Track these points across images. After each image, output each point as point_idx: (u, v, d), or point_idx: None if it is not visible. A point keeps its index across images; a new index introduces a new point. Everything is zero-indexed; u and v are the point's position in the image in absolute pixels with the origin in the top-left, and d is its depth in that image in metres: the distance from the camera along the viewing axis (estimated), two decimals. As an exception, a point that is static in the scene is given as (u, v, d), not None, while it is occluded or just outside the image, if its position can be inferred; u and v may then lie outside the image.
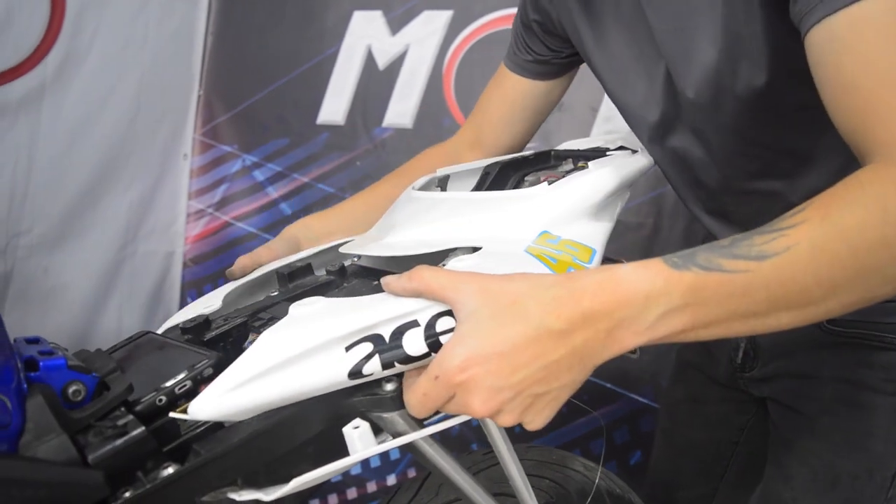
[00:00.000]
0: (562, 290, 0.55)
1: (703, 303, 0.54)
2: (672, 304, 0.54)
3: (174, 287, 2.25)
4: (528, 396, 0.56)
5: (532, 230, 0.75)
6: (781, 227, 0.54)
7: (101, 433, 0.58)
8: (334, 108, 2.06)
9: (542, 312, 0.54)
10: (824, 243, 0.53)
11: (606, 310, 0.54)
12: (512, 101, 1.11)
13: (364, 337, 0.59)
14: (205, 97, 2.20)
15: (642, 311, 0.54)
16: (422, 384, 0.58)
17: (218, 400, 0.57)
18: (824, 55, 0.62)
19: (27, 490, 0.51)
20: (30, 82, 1.68)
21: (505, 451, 0.75)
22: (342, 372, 0.59)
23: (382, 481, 2.06)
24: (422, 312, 0.60)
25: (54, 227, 1.82)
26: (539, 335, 0.54)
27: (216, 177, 2.21)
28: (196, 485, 0.59)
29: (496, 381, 0.54)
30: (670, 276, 0.54)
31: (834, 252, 0.53)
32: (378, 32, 2.00)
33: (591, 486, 1.01)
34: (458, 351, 0.55)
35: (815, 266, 0.53)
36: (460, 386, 0.55)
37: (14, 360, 0.58)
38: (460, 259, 0.69)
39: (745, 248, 0.54)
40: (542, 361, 0.54)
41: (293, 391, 0.58)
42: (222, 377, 0.58)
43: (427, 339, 0.59)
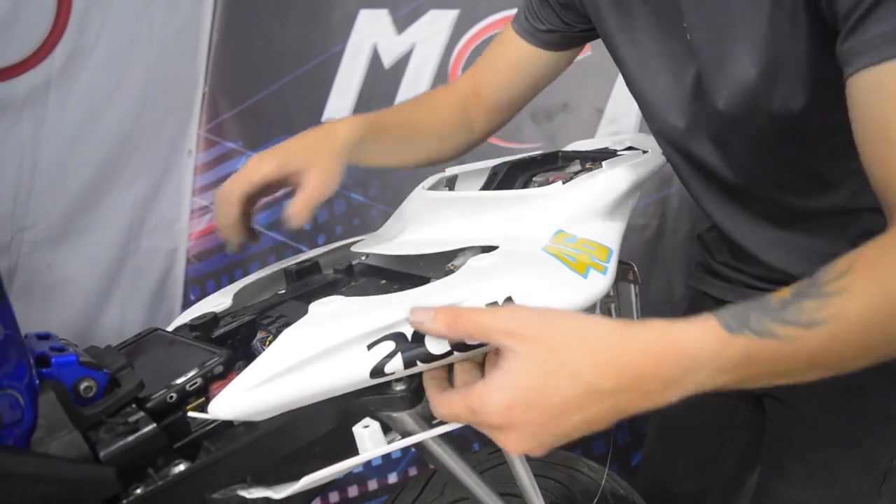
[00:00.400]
0: (617, 353, 0.54)
1: (750, 366, 0.55)
2: (721, 366, 0.54)
3: (177, 283, 2.24)
4: (562, 438, 0.56)
5: (548, 229, 0.75)
6: (830, 292, 0.54)
7: (113, 430, 0.58)
8: (339, 106, 2.06)
9: (594, 376, 0.54)
10: (872, 313, 0.53)
11: (656, 372, 0.54)
12: (514, 64, 1.08)
13: (386, 335, 0.59)
14: (210, 94, 2.20)
15: (691, 372, 0.54)
16: (457, 406, 0.57)
17: (238, 398, 0.57)
18: (867, 101, 0.61)
19: (40, 486, 0.51)
20: (35, 78, 1.68)
21: (512, 452, 0.76)
22: (364, 371, 0.58)
23: (384, 479, 2.06)
24: None
25: (58, 222, 1.81)
26: (588, 393, 0.54)
27: (220, 173, 2.21)
28: (207, 482, 0.59)
29: (537, 429, 0.55)
30: (724, 340, 0.54)
31: (880, 321, 0.53)
32: (384, 31, 1.99)
33: (595, 487, 1.02)
34: (504, 397, 0.54)
35: (860, 336, 0.54)
36: (497, 427, 0.55)
37: (26, 357, 0.58)
38: (479, 258, 0.69)
39: (796, 314, 0.54)
40: (583, 415, 0.55)
41: (314, 390, 0.58)
42: (242, 376, 0.58)
43: None
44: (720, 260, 1.07)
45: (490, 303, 0.61)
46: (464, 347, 0.60)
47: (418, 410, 0.66)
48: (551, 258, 0.69)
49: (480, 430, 0.58)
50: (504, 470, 0.93)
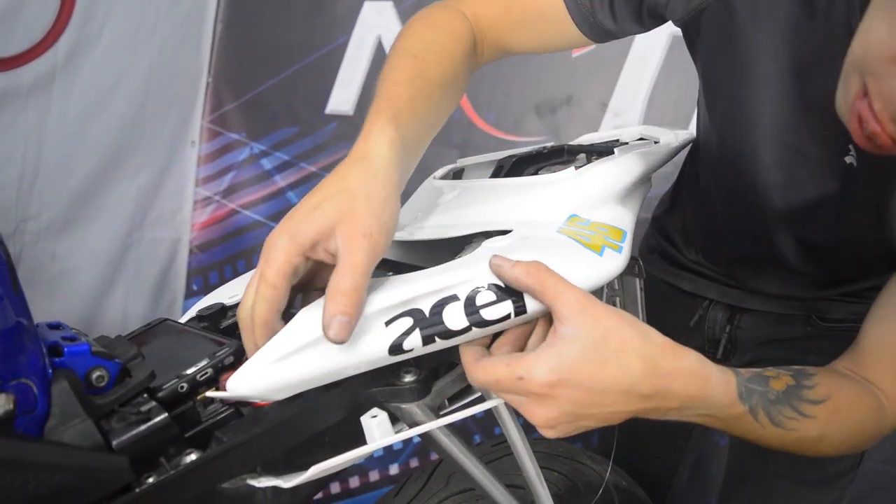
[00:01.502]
0: (662, 367, 0.59)
1: (734, 428, 0.66)
2: (717, 414, 0.63)
3: (180, 274, 2.25)
4: (581, 426, 0.60)
5: (561, 213, 0.75)
6: (803, 414, 0.67)
7: (125, 419, 0.59)
8: (343, 97, 2.06)
9: (641, 375, 0.58)
10: (808, 440, 0.68)
11: (682, 398, 0.60)
12: (548, 33, 0.94)
13: (403, 312, 0.59)
14: (213, 85, 2.20)
15: (699, 409, 0.62)
16: (500, 371, 0.58)
17: (256, 375, 0.56)
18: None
19: (55, 475, 0.52)
20: (40, 67, 1.68)
21: (519, 443, 0.76)
22: (383, 347, 0.58)
23: (385, 470, 2.07)
24: (461, 286, 0.60)
25: (62, 212, 1.82)
26: (629, 391, 0.58)
27: (224, 164, 2.21)
28: (218, 471, 0.60)
29: (571, 408, 0.58)
30: (733, 402, 0.64)
31: (807, 446, 0.69)
32: (388, 23, 1.99)
33: (598, 479, 1.02)
34: (552, 367, 0.56)
35: (789, 446, 0.69)
36: (538, 396, 0.57)
37: (39, 345, 0.58)
38: (493, 240, 0.69)
39: (777, 412, 0.66)
40: (615, 409, 0.59)
41: (332, 367, 0.58)
42: (260, 353, 0.57)
43: (468, 314, 0.59)
44: (690, 258, 1.08)
45: None
46: (483, 324, 0.60)
47: (426, 401, 0.67)
48: (566, 238, 0.69)
49: (513, 399, 0.59)
50: (508, 462, 0.93)
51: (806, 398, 0.68)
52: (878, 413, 0.71)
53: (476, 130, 1.91)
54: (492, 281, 0.61)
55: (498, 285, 0.61)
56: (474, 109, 1.92)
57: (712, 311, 1.09)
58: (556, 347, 0.57)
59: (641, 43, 1.76)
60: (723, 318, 1.08)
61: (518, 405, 0.60)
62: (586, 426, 0.60)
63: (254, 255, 2.20)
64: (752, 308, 1.04)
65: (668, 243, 1.13)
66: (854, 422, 0.70)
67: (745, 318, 1.06)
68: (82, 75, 1.78)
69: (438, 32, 0.82)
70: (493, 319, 0.60)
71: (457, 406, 0.72)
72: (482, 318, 0.60)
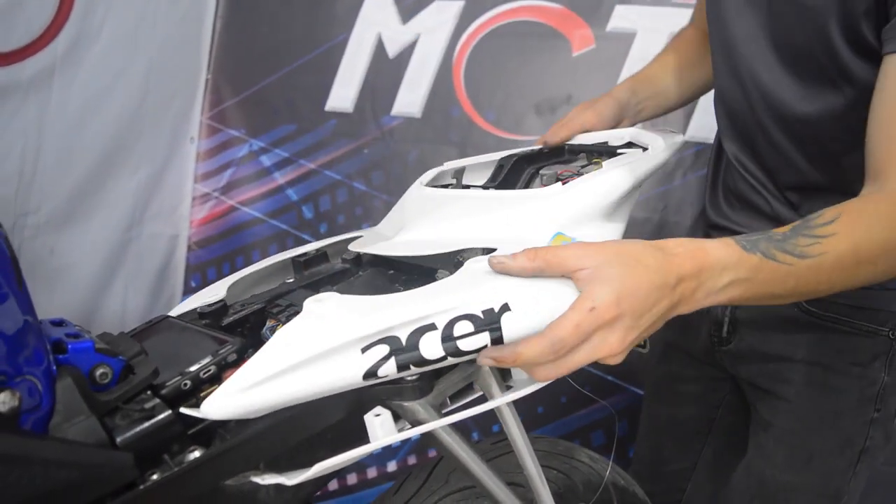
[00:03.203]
0: (668, 255, 0.64)
1: (757, 281, 0.67)
2: (738, 276, 0.66)
3: (178, 270, 2.25)
4: (642, 332, 0.63)
5: (546, 231, 0.75)
6: (819, 234, 0.68)
7: (129, 416, 0.59)
8: (343, 95, 2.06)
9: (660, 268, 0.63)
10: (844, 258, 0.68)
11: (695, 273, 0.64)
12: None
13: (380, 339, 0.59)
14: (213, 81, 2.20)
15: (717, 277, 0.65)
16: (573, 317, 0.60)
17: (230, 399, 0.58)
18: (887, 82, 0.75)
19: (60, 471, 0.52)
20: (40, 62, 1.67)
21: (521, 442, 0.77)
22: (357, 374, 0.59)
23: (383, 467, 2.07)
24: (440, 315, 0.61)
25: (61, 207, 1.81)
26: (661, 285, 0.63)
27: (223, 161, 2.21)
28: (221, 469, 0.60)
29: (635, 320, 0.62)
30: (741, 256, 0.66)
31: (847, 265, 0.69)
32: (388, 20, 1.99)
33: (597, 477, 1.03)
34: (609, 288, 0.61)
35: (832, 274, 0.69)
36: (610, 322, 0.61)
37: (44, 343, 0.59)
38: (477, 260, 0.69)
39: (792, 246, 0.67)
40: (658, 308, 0.63)
41: (307, 391, 0.59)
42: (235, 377, 0.58)
43: (444, 343, 0.60)
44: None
45: (486, 309, 0.61)
46: (458, 353, 0.61)
47: (429, 400, 0.67)
48: None
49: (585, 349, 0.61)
50: (507, 459, 0.94)
51: (815, 224, 0.69)
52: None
53: (476, 129, 1.92)
54: (469, 311, 0.61)
55: (476, 315, 0.61)
56: (475, 108, 1.92)
57: None
58: (595, 277, 0.61)
59: (641, 43, 1.77)
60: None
61: (591, 351, 0.61)
62: (642, 336, 0.64)
63: (253, 251, 2.20)
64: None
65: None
66: (883, 216, 0.71)
67: None
68: (82, 70, 1.78)
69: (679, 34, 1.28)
70: (469, 350, 0.61)
71: (459, 405, 0.72)
72: (458, 349, 0.60)
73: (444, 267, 0.77)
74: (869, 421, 1.01)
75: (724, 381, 1.18)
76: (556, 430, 1.89)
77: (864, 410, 1.01)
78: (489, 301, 0.62)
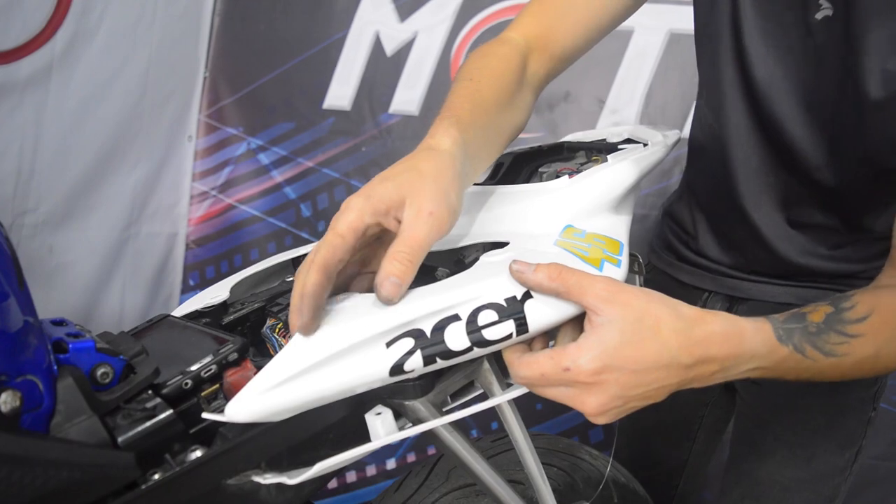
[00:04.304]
0: (698, 332, 0.61)
1: (779, 369, 0.66)
2: (762, 364, 0.65)
3: (176, 269, 2.25)
4: (630, 407, 0.62)
5: (556, 224, 0.75)
6: (849, 334, 0.67)
7: (130, 415, 0.59)
8: (341, 93, 2.06)
9: (678, 346, 0.60)
10: (865, 361, 0.68)
11: (721, 359, 0.62)
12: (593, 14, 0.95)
13: (405, 332, 0.59)
14: (211, 79, 2.20)
15: (743, 364, 0.64)
16: (544, 365, 0.60)
17: (255, 401, 0.56)
18: None
19: (62, 471, 0.52)
20: (37, 61, 1.67)
21: (521, 439, 0.77)
22: (384, 369, 0.58)
23: (382, 465, 2.08)
24: (463, 306, 0.60)
25: (59, 205, 1.81)
26: (670, 364, 0.60)
27: (220, 159, 2.21)
28: (223, 468, 0.60)
29: (619, 391, 0.60)
30: (774, 347, 0.65)
31: (865, 367, 0.69)
32: (386, 18, 1.99)
33: (597, 474, 1.03)
34: (596, 354, 0.58)
35: (847, 371, 0.69)
36: (586, 385, 0.59)
37: (45, 342, 0.58)
38: (491, 254, 0.69)
39: (823, 342, 0.67)
40: (660, 384, 0.61)
41: (334, 390, 0.58)
42: (259, 378, 0.57)
43: (469, 334, 0.60)
44: (692, 247, 1.10)
45: (509, 297, 0.61)
46: (484, 343, 0.60)
47: (430, 398, 0.67)
48: (565, 252, 0.69)
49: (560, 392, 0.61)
50: (507, 457, 0.94)
51: (848, 319, 0.68)
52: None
53: (475, 126, 1.92)
54: (492, 300, 0.61)
55: (499, 304, 0.61)
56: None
57: (711, 303, 1.09)
58: (597, 335, 0.59)
59: (639, 40, 1.77)
60: (721, 307, 1.08)
61: (566, 398, 0.61)
62: (634, 406, 0.62)
63: (251, 250, 2.20)
64: (749, 297, 1.05)
65: (673, 235, 1.14)
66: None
67: (742, 308, 1.07)
68: (79, 69, 1.78)
69: (489, 58, 0.87)
70: (495, 339, 0.61)
71: (460, 403, 0.72)
72: (483, 338, 0.60)
73: (444, 265, 0.77)
74: (867, 420, 1.02)
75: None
76: (554, 427, 1.89)
77: (864, 409, 1.02)
78: (511, 289, 0.62)
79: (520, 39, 0.92)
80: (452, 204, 0.63)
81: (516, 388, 0.69)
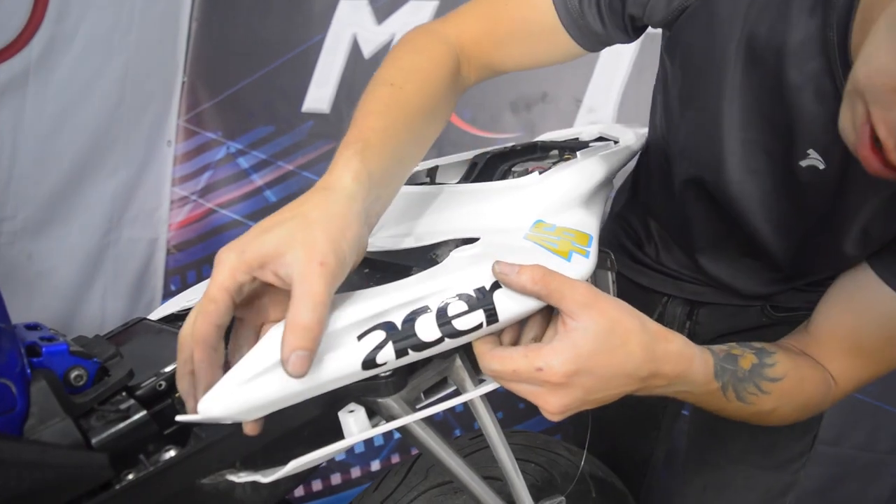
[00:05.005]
0: (659, 349, 0.65)
1: (704, 401, 0.74)
2: (693, 391, 0.71)
3: (157, 274, 2.24)
4: (583, 408, 0.64)
5: (527, 219, 0.76)
6: (763, 390, 0.76)
7: (104, 417, 0.59)
8: (319, 95, 2.07)
9: (641, 361, 0.64)
10: (763, 413, 0.77)
11: (671, 377, 0.67)
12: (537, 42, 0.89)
13: (376, 325, 0.59)
14: (189, 83, 2.19)
15: (681, 385, 0.69)
16: (518, 362, 0.61)
17: (227, 397, 0.55)
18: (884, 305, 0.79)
19: (36, 473, 0.52)
20: (14, 67, 1.67)
21: (494, 435, 0.77)
22: (356, 362, 0.58)
23: (367, 467, 2.08)
24: (432, 297, 0.61)
25: (38, 212, 1.81)
26: (631, 374, 0.64)
27: (200, 164, 2.21)
28: (197, 467, 0.61)
29: (582, 395, 0.62)
30: (709, 380, 0.71)
31: (763, 416, 0.78)
32: (364, 21, 2.00)
33: (575, 470, 1.04)
34: (569, 357, 0.60)
35: (751, 417, 0.78)
36: (554, 386, 0.61)
37: (18, 346, 0.59)
38: (462, 249, 0.69)
39: (742, 390, 0.74)
40: (618, 390, 0.64)
41: (306, 385, 0.57)
42: (230, 374, 0.55)
43: (440, 325, 0.60)
44: (648, 252, 1.11)
45: (477, 288, 0.62)
46: (456, 334, 0.61)
47: (403, 395, 0.67)
48: (534, 245, 0.70)
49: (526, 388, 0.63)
50: (485, 454, 0.94)
51: (766, 376, 0.76)
52: (823, 391, 0.81)
53: (452, 128, 1.93)
54: (461, 291, 0.62)
55: (468, 294, 0.62)
56: (451, 107, 1.93)
57: (671, 307, 1.10)
58: (571, 339, 0.61)
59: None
60: (682, 314, 1.10)
61: (531, 394, 0.63)
62: (587, 408, 0.65)
63: (232, 254, 2.19)
64: (709, 301, 1.07)
65: (627, 238, 1.14)
66: (802, 399, 0.79)
67: (703, 311, 1.08)
68: (57, 74, 1.78)
69: (419, 57, 0.81)
70: (466, 329, 0.61)
71: (433, 399, 0.73)
72: (454, 329, 0.61)
73: (419, 264, 0.78)
74: None
75: None
76: (538, 424, 1.90)
77: None
78: (479, 280, 0.63)
79: (455, 41, 0.86)
80: (344, 252, 0.56)
81: (488, 383, 0.70)
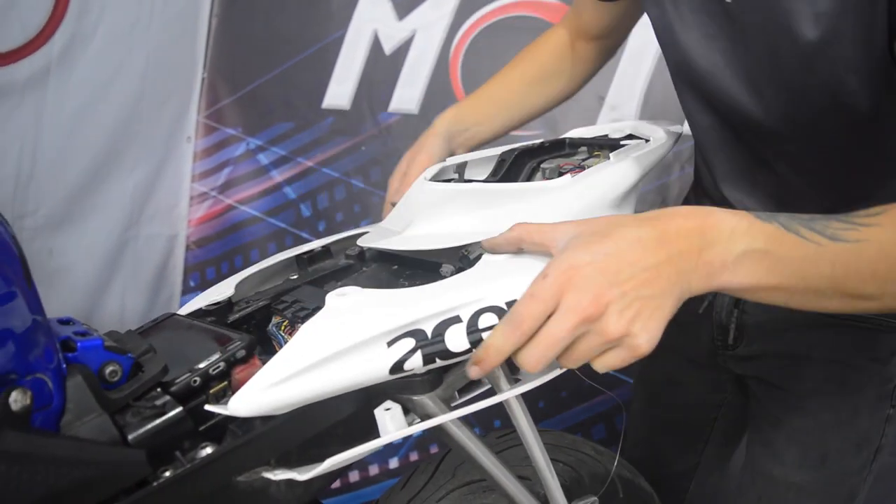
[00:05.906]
0: (654, 214, 0.59)
1: (780, 257, 0.58)
2: (754, 245, 0.57)
3: (177, 270, 2.25)
4: (635, 299, 0.56)
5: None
6: (857, 222, 0.59)
7: (139, 413, 0.59)
8: (340, 92, 2.06)
9: (637, 227, 0.57)
10: (889, 248, 0.58)
11: (698, 228, 0.57)
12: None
13: (406, 332, 0.59)
14: (209, 79, 2.19)
15: (728, 240, 0.57)
16: (528, 288, 0.57)
17: (259, 396, 0.57)
18: None
19: (73, 469, 0.52)
20: (35, 63, 1.67)
21: (529, 435, 0.77)
22: (384, 367, 0.59)
23: (385, 464, 2.07)
24: (464, 308, 0.61)
25: (59, 208, 1.81)
26: (639, 239, 0.57)
27: (220, 160, 2.21)
28: (233, 465, 0.60)
29: (604, 277, 0.55)
30: (754, 222, 0.58)
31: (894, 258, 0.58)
32: (385, 17, 1.99)
33: (603, 470, 1.03)
34: (566, 255, 0.57)
35: (876, 264, 0.58)
36: (569, 282, 0.55)
37: (53, 341, 0.58)
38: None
39: (822, 227, 0.58)
40: (643, 264, 0.56)
41: (334, 386, 0.59)
42: (262, 373, 0.58)
43: (469, 336, 0.60)
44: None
45: (509, 301, 0.61)
46: None
47: (438, 393, 0.67)
48: None
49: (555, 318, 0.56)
50: (513, 453, 0.94)
51: (855, 215, 0.60)
52: None
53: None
54: (494, 303, 0.61)
55: (501, 308, 0.61)
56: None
57: (720, 296, 1.09)
58: (564, 249, 0.58)
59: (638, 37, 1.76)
60: (729, 303, 1.07)
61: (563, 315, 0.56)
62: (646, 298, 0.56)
63: (251, 250, 2.19)
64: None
65: None
66: None
67: (749, 304, 1.06)
68: (78, 71, 1.78)
69: (532, 45, 1.16)
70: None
71: (468, 398, 0.72)
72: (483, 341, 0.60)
73: (449, 261, 0.77)
74: (885, 418, 0.99)
75: (726, 381, 1.15)
76: (557, 424, 1.89)
77: (880, 407, 0.98)
78: (512, 293, 0.62)
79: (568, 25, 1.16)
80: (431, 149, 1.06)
81: (524, 382, 0.69)
